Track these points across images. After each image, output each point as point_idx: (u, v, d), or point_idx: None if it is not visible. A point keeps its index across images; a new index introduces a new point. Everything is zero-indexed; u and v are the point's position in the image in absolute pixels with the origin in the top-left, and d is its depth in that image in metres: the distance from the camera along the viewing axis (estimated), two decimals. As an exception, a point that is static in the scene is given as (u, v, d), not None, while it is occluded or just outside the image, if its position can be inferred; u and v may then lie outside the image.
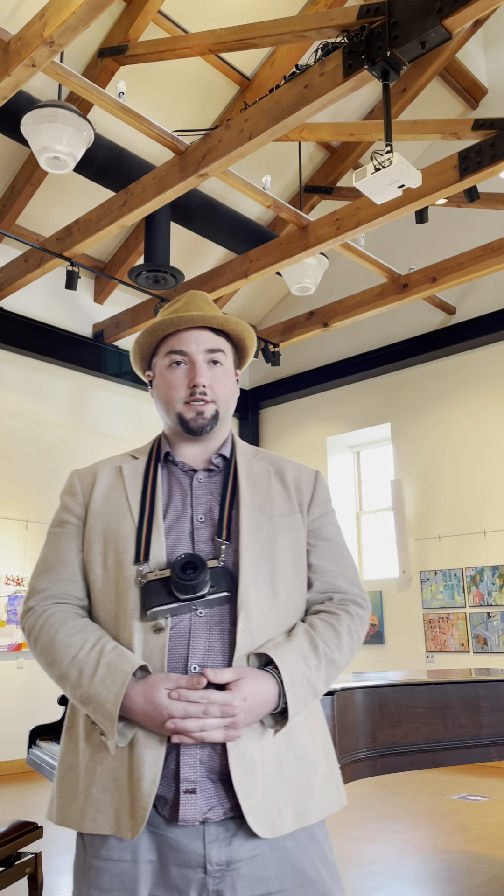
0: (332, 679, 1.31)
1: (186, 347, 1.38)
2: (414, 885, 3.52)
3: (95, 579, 1.32)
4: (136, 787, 1.18)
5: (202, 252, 8.49)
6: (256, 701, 1.19)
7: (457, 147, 7.82)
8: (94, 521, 1.34)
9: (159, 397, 1.42)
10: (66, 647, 1.25)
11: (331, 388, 9.07)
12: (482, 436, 7.63)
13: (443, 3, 3.86)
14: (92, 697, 1.20)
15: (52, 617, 1.30)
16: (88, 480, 1.40)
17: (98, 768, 1.22)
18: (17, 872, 2.56)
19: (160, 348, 1.42)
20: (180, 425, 1.38)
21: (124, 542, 1.29)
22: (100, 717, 1.19)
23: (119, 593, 1.27)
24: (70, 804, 1.24)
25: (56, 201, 7.32)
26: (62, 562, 1.35)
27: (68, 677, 1.23)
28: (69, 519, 1.38)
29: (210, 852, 1.18)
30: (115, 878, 1.19)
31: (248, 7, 6.51)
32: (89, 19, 3.97)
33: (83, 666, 1.22)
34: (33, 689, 7.02)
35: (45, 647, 1.27)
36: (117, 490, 1.37)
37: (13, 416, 7.41)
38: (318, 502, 1.44)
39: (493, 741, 2.82)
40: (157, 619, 1.23)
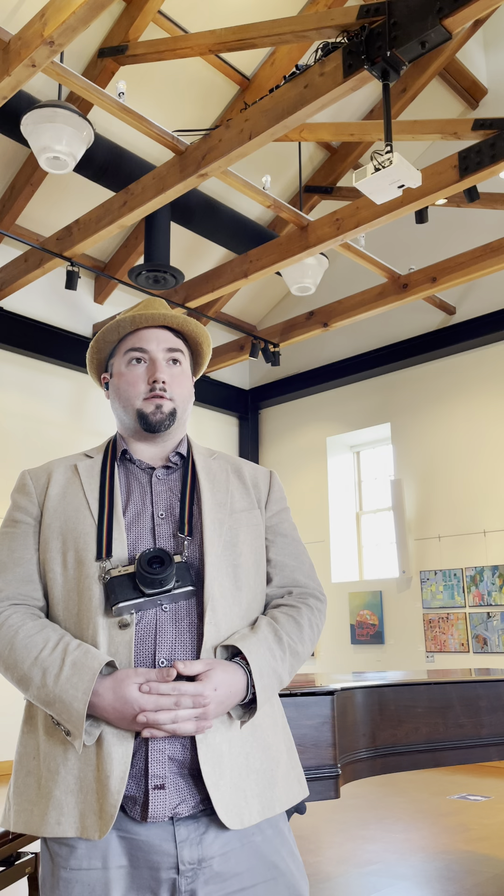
0: (295, 670, 1.33)
1: (146, 345, 1.39)
2: (414, 884, 3.52)
3: (54, 578, 1.29)
4: (103, 786, 1.15)
5: (202, 252, 8.50)
6: (226, 692, 1.19)
7: (457, 147, 7.82)
8: (51, 520, 1.32)
9: (118, 395, 1.41)
10: (26, 647, 1.22)
11: (331, 388, 9.07)
12: (482, 436, 7.64)
13: (443, 3, 3.86)
14: (58, 697, 1.17)
15: (10, 619, 1.26)
16: (42, 479, 1.39)
17: (60, 769, 1.19)
18: (17, 872, 2.56)
19: (118, 349, 1.43)
20: (139, 421, 1.38)
21: (84, 540, 1.28)
22: (66, 716, 1.17)
23: (81, 591, 1.25)
24: (31, 809, 1.21)
25: (56, 201, 7.32)
26: (17, 562, 1.32)
27: (31, 678, 1.20)
28: (23, 518, 1.35)
29: (182, 852, 1.17)
30: (85, 887, 1.17)
31: (248, 7, 6.51)
32: (89, 19, 3.97)
33: (47, 666, 1.19)
34: (33, 689, 7.02)
35: (3, 649, 1.24)
36: (74, 488, 1.35)
37: (13, 416, 7.41)
38: (274, 499, 1.47)
39: (493, 741, 2.83)
40: (122, 614, 1.22)
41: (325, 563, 8.63)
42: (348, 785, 6.02)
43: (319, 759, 2.25)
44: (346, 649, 8.27)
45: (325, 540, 8.69)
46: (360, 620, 8.19)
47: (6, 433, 7.32)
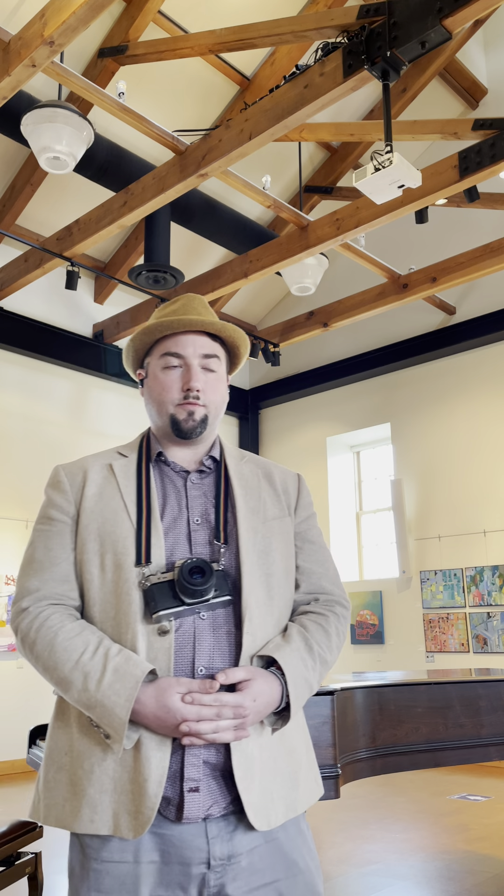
0: (323, 677, 1.35)
1: (182, 351, 1.39)
2: (414, 884, 3.52)
3: (91, 580, 1.30)
4: (140, 788, 1.18)
5: (202, 252, 8.50)
6: (263, 701, 1.23)
7: (457, 147, 7.82)
8: (89, 521, 1.32)
9: (152, 398, 1.41)
10: (66, 650, 1.23)
11: (331, 388, 9.07)
12: (482, 436, 7.64)
13: (443, 3, 3.86)
14: (99, 702, 1.19)
15: (49, 619, 1.27)
16: (77, 477, 1.37)
17: (95, 769, 1.22)
18: (17, 872, 2.56)
19: (155, 349, 1.42)
20: (171, 427, 1.38)
21: (123, 544, 1.28)
22: (108, 721, 1.18)
23: (120, 595, 1.26)
24: (63, 805, 1.24)
25: (56, 201, 7.32)
26: (53, 561, 1.32)
27: (72, 682, 1.21)
28: (58, 517, 1.35)
29: (213, 848, 1.21)
30: (115, 879, 1.19)
31: (248, 7, 6.51)
32: (89, 19, 3.97)
33: (88, 670, 1.20)
34: (33, 689, 7.02)
35: (43, 651, 1.25)
36: (111, 489, 1.35)
37: (13, 416, 7.41)
38: (303, 505, 1.48)
39: (493, 741, 2.82)
40: (161, 621, 1.23)
41: (325, 563, 8.62)
42: (348, 785, 6.02)
43: (319, 759, 2.25)
44: (346, 649, 8.27)
45: (326, 540, 8.66)
46: (360, 620, 8.19)
47: (6, 433, 7.32)
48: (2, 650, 6.86)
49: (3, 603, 6.94)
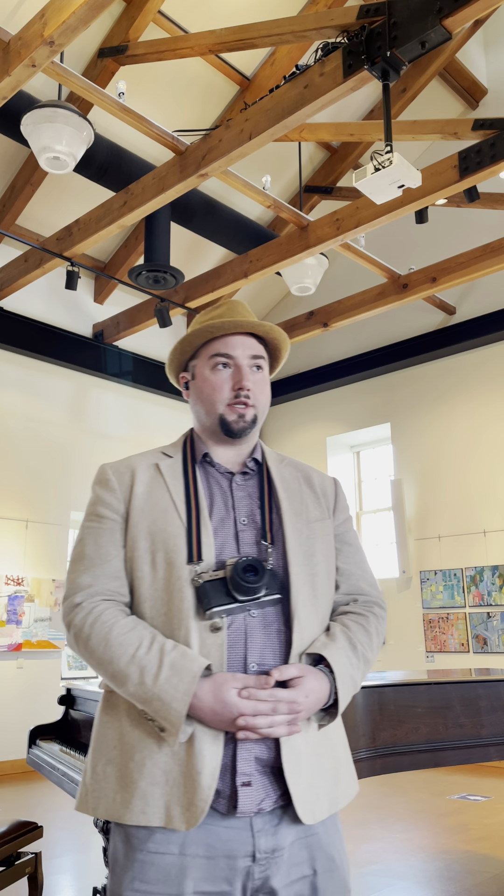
0: (365, 676, 1.40)
1: (232, 351, 1.42)
2: (414, 884, 3.52)
3: (142, 577, 1.32)
4: (193, 781, 1.21)
5: (202, 252, 8.50)
6: (315, 698, 1.27)
7: (457, 147, 7.82)
8: (138, 519, 1.34)
9: (200, 398, 1.44)
10: (122, 645, 1.25)
11: (331, 388, 9.07)
12: (482, 436, 7.64)
13: (443, 3, 3.86)
14: (157, 696, 1.21)
15: (103, 614, 1.29)
16: (125, 476, 1.40)
17: (147, 762, 1.24)
18: (17, 872, 2.56)
19: (202, 351, 1.45)
20: (221, 427, 1.42)
21: (174, 542, 1.31)
22: (164, 714, 1.21)
23: (171, 592, 1.29)
24: (113, 797, 1.26)
25: (56, 201, 7.32)
26: (104, 558, 1.34)
27: (128, 676, 1.24)
28: (108, 514, 1.37)
29: (258, 841, 1.24)
30: (160, 871, 1.21)
31: (248, 7, 6.51)
32: (89, 19, 3.97)
33: (145, 665, 1.23)
34: (33, 689, 7.02)
35: (97, 645, 1.27)
36: (159, 488, 1.38)
37: (13, 416, 7.41)
38: (340, 508, 1.53)
39: (493, 741, 2.82)
40: (213, 618, 1.27)
41: (325, 563, 8.63)
42: (348, 785, 6.01)
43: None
44: (346, 649, 8.26)
45: (325, 540, 8.68)
46: (360, 620, 8.19)
47: (6, 433, 7.32)
48: (2, 650, 6.86)
49: (3, 603, 6.94)
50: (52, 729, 3.23)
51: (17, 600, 7.06)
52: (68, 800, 5.56)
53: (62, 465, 7.70)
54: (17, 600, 7.05)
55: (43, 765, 2.87)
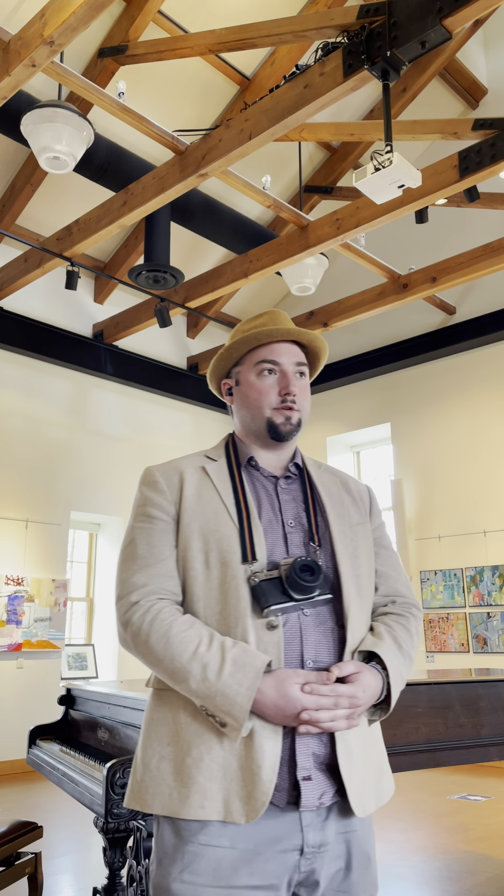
0: (409, 674, 1.46)
1: (278, 358, 1.47)
2: (414, 884, 3.52)
3: (196, 577, 1.35)
4: (254, 775, 1.24)
5: (202, 252, 8.50)
6: (370, 693, 1.31)
7: (457, 147, 7.82)
8: (191, 520, 1.38)
9: (246, 403, 1.49)
10: (183, 642, 1.28)
11: (331, 388, 9.07)
12: (482, 436, 7.64)
13: (443, 3, 3.86)
14: (220, 692, 1.23)
15: (161, 612, 1.32)
16: (174, 478, 1.43)
17: (205, 757, 1.27)
18: (17, 872, 2.56)
19: (247, 358, 1.50)
20: (268, 430, 1.47)
21: (228, 543, 1.35)
22: (228, 709, 1.23)
23: (227, 591, 1.32)
24: (170, 793, 1.28)
25: (56, 201, 7.32)
26: (158, 557, 1.37)
27: (190, 672, 1.26)
28: (159, 515, 1.40)
29: (307, 835, 1.28)
30: (210, 863, 1.24)
31: (248, 7, 6.51)
32: (89, 19, 3.97)
33: (207, 661, 1.25)
34: (33, 689, 7.02)
35: (157, 643, 1.29)
36: (208, 490, 1.42)
37: (13, 416, 7.41)
38: (375, 513, 1.60)
39: (493, 741, 2.82)
40: (269, 616, 1.30)
41: (325, 563, 8.63)
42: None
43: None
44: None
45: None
46: (360, 620, 8.19)
47: (6, 433, 7.32)
48: (2, 650, 6.86)
49: (3, 603, 6.94)
50: (52, 729, 3.23)
51: (17, 600, 7.06)
52: (68, 800, 5.56)
53: (62, 465, 7.70)
54: (17, 600, 7.05)
55: (43, 765, 2.87)
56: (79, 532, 8.44)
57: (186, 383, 8.96)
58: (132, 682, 3.40)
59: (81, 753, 2.76)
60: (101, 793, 2.12)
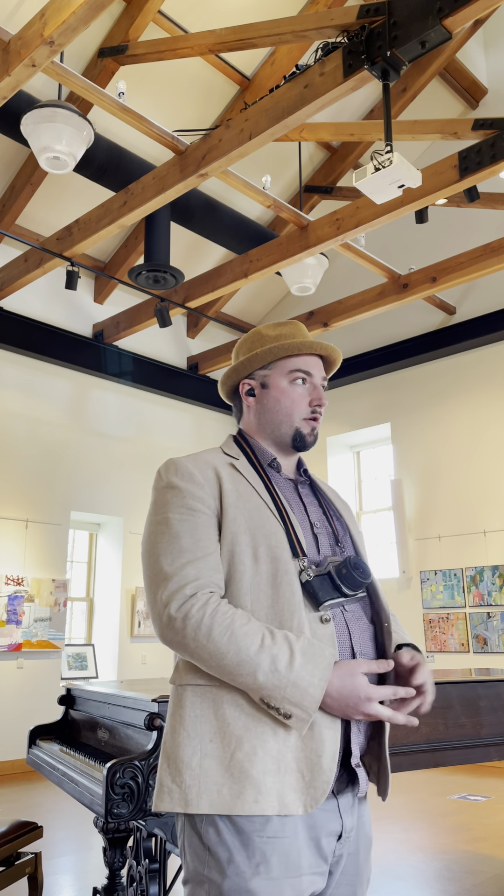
0: None
1: (311, 370, 1.53)
2: (414, 884, 3.52)
3: (244, 570, 1.35)
4: (314, 765, 1.27)
5: (202, 252, 8.50)
6: (432, 682, 1.41)
7: (457, 147, 7.83)
8: (236, 514, 1.39)
9: (276, 408, 1.52)
10: (248, 635, 1.27)
11: (331, 388, 9.07)
12: (482, 436, 7.64)
13: (443, 3, 3.86)
14: (293, 683, 1.24)
15: (221, 605, 1.31)
16: (210, 473, 1.43)
17: (258, 751, 1.27)
18: (17, 872, 2.56)
19: (277, 364, 1.54)
20: (294, 438, 1.52)
21: (276, 538, 1.37)
22: (299, 700, 1.24)
23: (279, 585, 1.34)
24: (218, 790, 1.27)
25: (56, 201, 7.32)
26: (205, 550, 1.36)
27: (259, 664, 1.25)
28: (200, 508, 1.39)
29: (345, 820, 1.35)
30: (282, 856, 1.26)
31: (248, 7, 6.51)
32: (89, 19, 3.97)
33: (276, 653, 1.26)
34: (33, 689, 7.02)
35: (221, 636, 1.28)
36: (245, 487, 1.43)
37: (13, 416, 7.41)
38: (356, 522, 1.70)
39: (493, 741, 2.82)
40: (323, 611, 1.35)
41: (325, 563, 8.63)
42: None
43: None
44: (346, 649, 8.27)
45: (325, 540, 8.68)
46: (360, 620, 8.19)
47: (6, 433, 7.32)
48: (2, 650, 6.86)
49: (3, 603, 6.94)
50: (52, 729, 3.23)
51: (17, 600, 7.06)
52: (68, 800, 5.56)
53: (62, 465, 7.70)
54: (17, 600, 7.05)
55: (43, 765, 2.87)
56: (79, 532, 8.44)
57: (186, 383, 8.96)
58: (132, 682, 3.40)
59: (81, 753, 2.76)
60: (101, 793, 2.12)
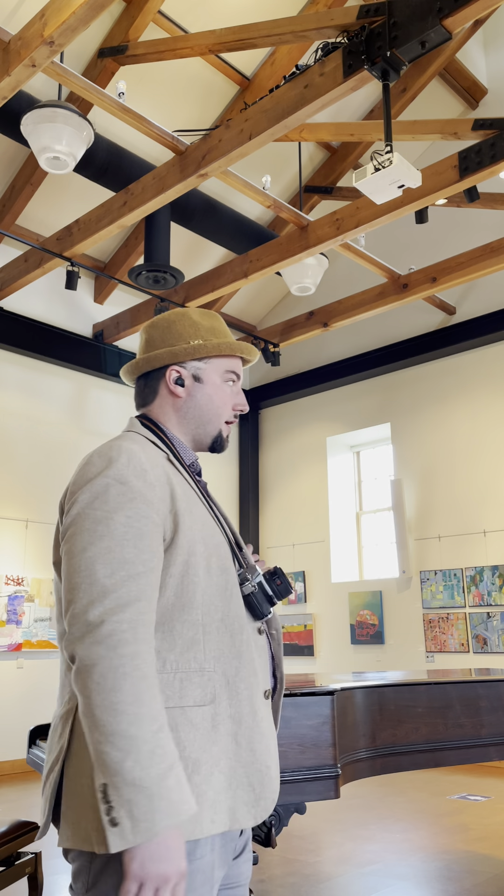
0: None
1: (239, 373, 1.48)
2: (414, 884, 3.52)
3: (197, 583, 1.24)
4: (262, 776, 1.24)
5: (202, 252, 8.50)
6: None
7: (457, 147, 7.83)
8: (192, 522, 1.26)
9: (207, 405, 1.42)
10: (151, 715, 1.08)
11: (331, 388, 9.07)
12: (482, 436, 7.64)
13: (443, 3, 3.86)
14: (152, 795, 1.04)
15: (147, 663, 1.12)
16: (161, 473, 1.27)
17: (214, 772, 1.18)
18: (17, 872, 2.56)
19: (214, 360, 1.44)
20: (215, 440, 1.44)
21: (224, 549, 1.31)
22: (141, 815, 1.03)
23: (229, 598, 1.28)
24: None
25: (56, 201, 7.32)
26: (147, 564, 1.18)
27: (139, 748, 1.05)
28: (149, 514, 1.20)
29: (246, 831, 1.35)
30: (206, 874, 1.18)
31: (248, 7, 6.51)
32: (89, 19, 3.97)
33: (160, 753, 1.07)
34: (33, 689, 7.02)
35: (131, 693, 1.08)
36: (188, 490, 1.31)
37: (13, 416, 7.41)
38: None
39: (493, 741, 2.82)
40: (260, 622, 1.35)
41: (325, 563, 8.63)
42: (348, 785, 6.02)
43: (319, 759, 2.25)
44: (345, 649, 8.27)
45: (325, 540, 8.69)
46: (359, 620, 8.19)
47: (6, 433, 7.32)
48: (2, 650, 6.86)
49: (3, 603, 6.94)
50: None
51: (17, 600, 7.06)
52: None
53: (62, 465, 7.70)
54: (17, 600, 7.05)
55: (43, 765, 2.86)
56: (79, 532, 8.43)
57: (186, 383, 8.95)
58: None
59: (81, 753, 2.75)
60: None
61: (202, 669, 1.21)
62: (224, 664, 1.23)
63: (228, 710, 1.22)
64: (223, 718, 1.21)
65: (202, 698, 1.20)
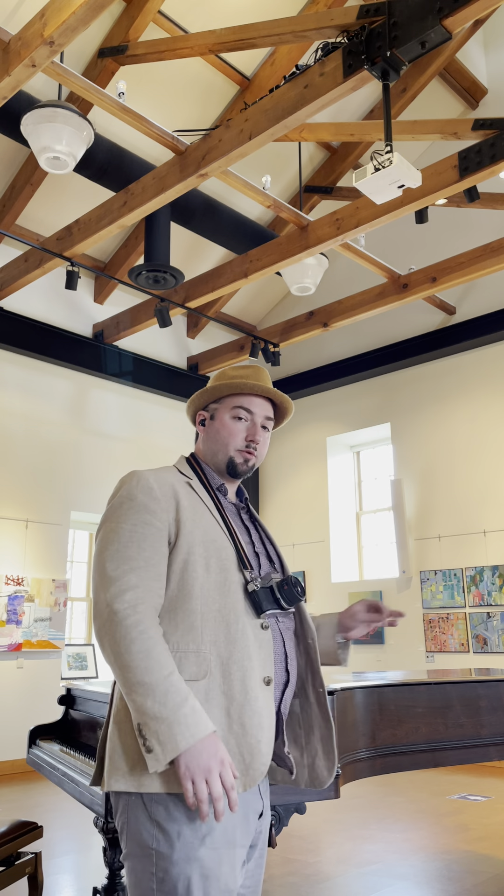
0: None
1: (253, 409, 1.69)
2: (414, 884, 3.52)
3: (196, 577, 1.50)
4: (254, 749, 1.42)
5: (202, 252, 8.50)
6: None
7: (457, 147, 7.83)
8: (193, 528, 1.54)
9: (216, 438, 1.69)
10: (160, 664, 1.38)
11: (331, 388, 9.07)
12: (482, 436, 7.64)
13: (443, 3, 3.86)
14: (171, 722, 1.34)
15: (152, 627, 1.41)
16: (167, 489, 1.57)
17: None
18: (17, 872, 2.56)
19: (226, 400, 1.70)
20: (227, 466, 1.68)
21: (226, 552, 1.54)
22: (165, 739, 1.33)
23: (227, 593, 1.51)
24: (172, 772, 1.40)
25: (56, 201, 7.32)
26: (147, 560, 1.48)
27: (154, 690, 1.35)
28: (153, 521, 1.52)
29: (265, 801, 1.55)
30: (222, 828, 1.40)
31: (248, 7, 6.51)
32: (89, 19, 3.97)
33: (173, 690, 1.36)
34: (33, 689, 7.02)
35: (140, 651, 1.38)
36: (199, 504, 1.59)
37: (13, 416, 7.41)
38: None
39: (493, 741, 2.82)
40: (263, 618, 1.53)
41: (325, 563, 8.63)
42: (348, 785, 6.02)
43: (319, 759, 2.24)
44: (346, 649, 8.26)
45: (325, 540, 8.69)
46: (360, 620, 8.18)
47: (6, 433, 7.32)
48: (2, 650, 6.86)
49: (3, 603, 6.94)
50: (52, 729, 3.24)
51: (17, 600, 7.06)
52: (68, 800, 5.56)
53: (62, 465, 7.70)
54: (17, 600, 7.05)
55: (43, 765, 2.87)
56: (79, 532, 8.44)
57: (186, 383, 8.96)
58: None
59: (81, 753, 2.76)
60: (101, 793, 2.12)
61: (199, 651, 1.45)
62: (219, 648, 1.45)
63: (221, 687, 1.43)
64: (216, 693, 1.43)
65: (197, 674, 1.43)
